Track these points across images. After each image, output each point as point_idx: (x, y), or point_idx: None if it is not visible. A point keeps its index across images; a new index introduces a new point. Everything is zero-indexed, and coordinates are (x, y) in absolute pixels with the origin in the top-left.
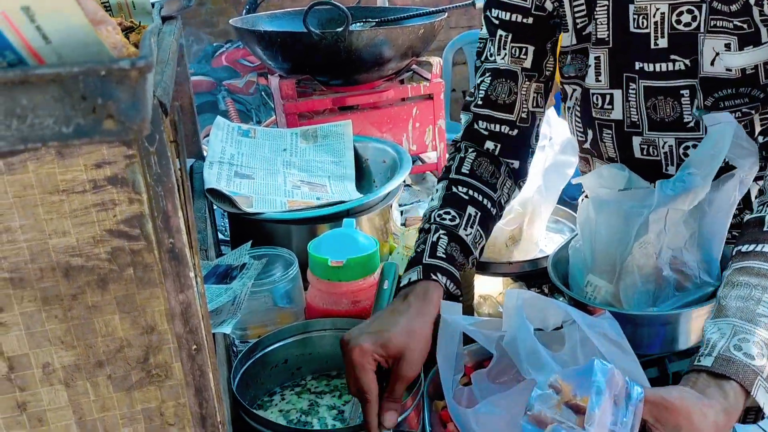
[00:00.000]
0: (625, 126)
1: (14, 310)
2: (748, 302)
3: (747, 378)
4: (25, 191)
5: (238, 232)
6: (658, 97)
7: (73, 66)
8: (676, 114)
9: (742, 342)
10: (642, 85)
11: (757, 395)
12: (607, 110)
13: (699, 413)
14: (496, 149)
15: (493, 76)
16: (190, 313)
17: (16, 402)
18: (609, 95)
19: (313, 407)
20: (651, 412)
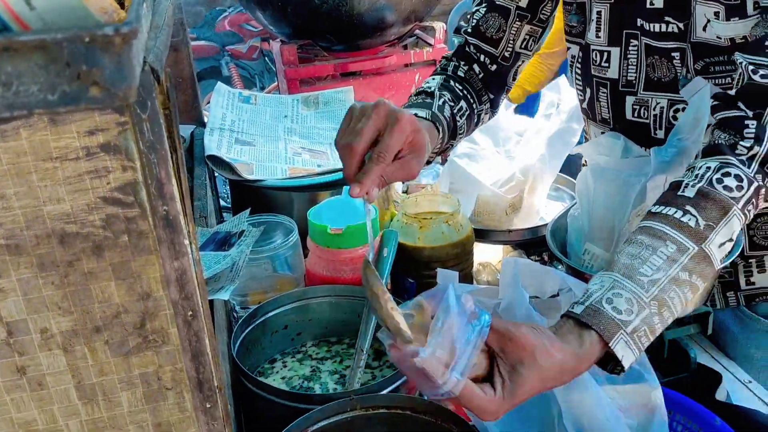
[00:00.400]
0: (620, 85)
1: (11, 276)
2: (635, 260)
3: (608, 330)
4: (18, 158)
5: (239, 199)
6: (655, 56)
7: (57, 32)
8: (672, 75)
9: (615, 296)
10: (644, 42)
11: (616, 347)
12: (604, 68)
13: (543, 352)
14: (480, 75)
15: (488, 8)
16: (186, 280)
17: (16, 366)
18: (607, 52)
19: (315, 373)
20: (497, 341)
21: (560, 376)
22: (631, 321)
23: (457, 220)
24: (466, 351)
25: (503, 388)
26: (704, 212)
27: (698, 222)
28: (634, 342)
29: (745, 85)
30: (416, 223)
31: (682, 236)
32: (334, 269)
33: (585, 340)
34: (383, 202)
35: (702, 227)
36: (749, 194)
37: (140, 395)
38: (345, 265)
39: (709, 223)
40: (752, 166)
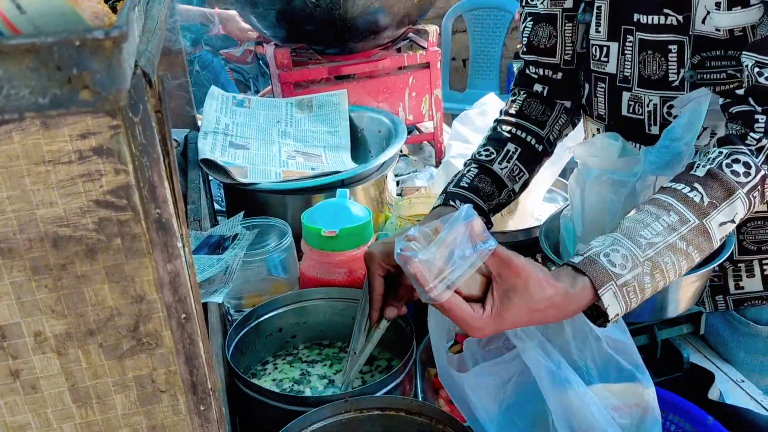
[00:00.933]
0: (617, 80)
1: (4, 279)
2: (638, 224)
3: (599, 278)
4: (11, 162)
5: (233, 203)
6: (648, 51)
7: (47, 36)
8: (662, 72)
9: (612, 251)
10: (638, 37)
11: (604, 296)
12: (603, 63)
13: (536, 283)
14: (545, 91)
15: (534, 20)
16: (179, 283)
17: (10, 370)
18: (606, 47)
19: (305, 376)
20: (496, 265)
21: (547, 310)
22: (622, 275)
23: None
24: (460, 265)
25: (492, 309)
26: (710, 191)
27: (703, 198)
28: (622, 295)
29: (753, 86)
30: (410, 225)
31: (685, 209)
32: (329, 272)
33: (577, 283)
34: (377, 204)
35: (706, 204)
36: (755, 181)
37: (134, 398)
38: (339, 268)
39: (713, 201)
40: (760, 157)
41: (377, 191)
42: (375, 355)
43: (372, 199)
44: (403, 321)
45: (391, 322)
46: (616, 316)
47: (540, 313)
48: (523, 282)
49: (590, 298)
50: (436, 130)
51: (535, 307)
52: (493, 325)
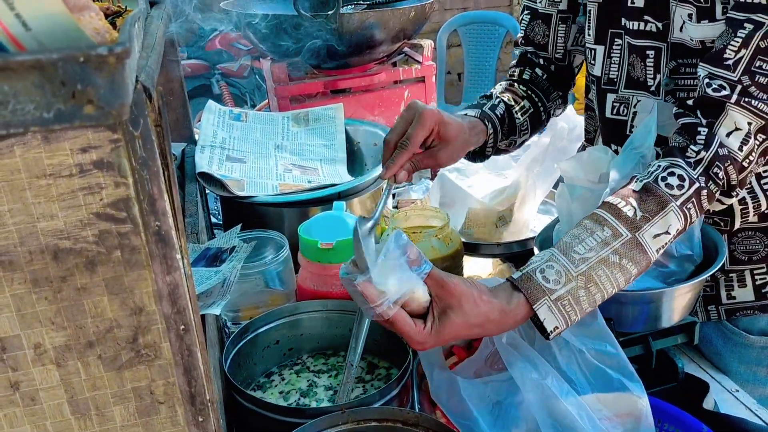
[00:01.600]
0: (602, 82)
1: (5, 292)
2: (574, 240)
3: (534, 294)
4: (12, 175)
5: (230, 216)
6: (633, 54)
7: (52, 52)
8: (643, 75)
9: (547, 267)
10: (626, 41)
11: (539, 310)
12: (591, 65)
13: (471, 301)
14: (544, 76)
15: (531, 16)
16: (178, 295)
17: (9, 382)
18: (593, 50)
19: (312, 388)
20: (432, 286)
21: (485, 324)
22: (556, 290)
23: (446, 233)
24: (400, 286)
25: (431, 325)
26: (643, 204)
27: (636, 213)
28: (557, 309)
29: (701, 96)
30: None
31: (618, 223)
32: (325, 284)
33: (513, 300)
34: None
35: (638, 218)
36: (689, 193)
37: (133, 409)
38: (336, 280)
39: (645, 215)
40: (697, 169)
41: (373, 204)
42: (375, 363)
43: (368, 211)
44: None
45: (388, 332)
46: (555, 329)
47: (479, 328)
48: (457, 300)
49: (526, 313)
50: None
51: (472, 323)
52: (433, 339)
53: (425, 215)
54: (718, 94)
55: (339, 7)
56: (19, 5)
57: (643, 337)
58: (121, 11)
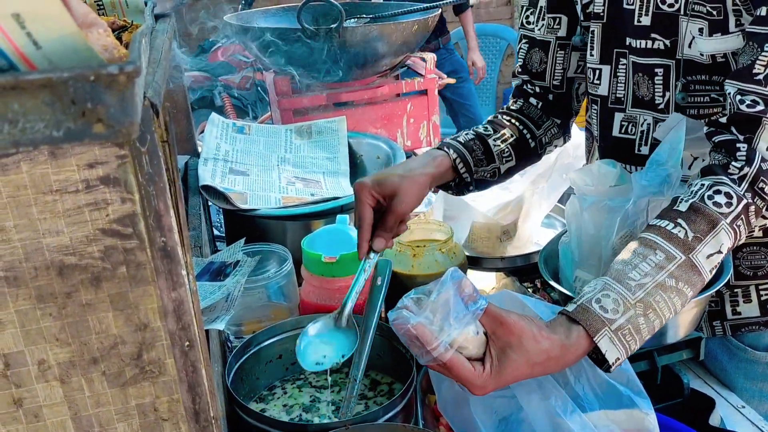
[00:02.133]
0: (609, 102)
1: (9, 308)
2: (626, 266)
3: (593, 326)
4: (18, 191)
5: (233, 229)
6: (639, 74)
7: (62, 71)
8: (650, 94)
9: (603, 297)
10: (631, 60)
11: (600, 342)
12: (595, 85)
13: (530, 337)
14: (539, 105)
15: (529, 44)
16: (183, 310)
17: (12, 398)
18: (598, 70)
19: (315, 403)
20: (489, 323)
21: (547, 362)
22: (615, 319)
23: (450, 247)
24: (456, 326)
25: (491, 367)
26: (693, 225)
27: (687, 234)
28: (618, 339)
29: (735, 113)
30: (410, 251)
31: (671, 246)
32: (329, 298)
33: (572, 333)
34: None
35: (690, 238)
36: (738, 210)
37: (136, 426)
38: (339, 294)
39: (697, 235)
40: (742, 185)
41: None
42: (378, 380)
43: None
44: (403, 347)
45: (391, 347)
46: (617, 360)
47: (540, 366)
48: (517, 338)
49: (587, 346)
50: None
51: (533, 361)
52: (493, 382)
53: (429, 229)
54: (752, 109)
55: (342, 21)
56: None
57: (649, 353)
58: (127, 26)
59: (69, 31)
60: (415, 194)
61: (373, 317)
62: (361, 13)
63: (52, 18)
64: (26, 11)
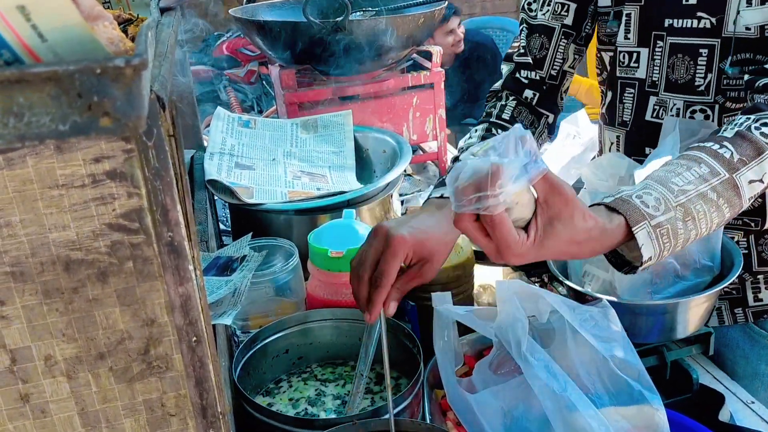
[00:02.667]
0: (646, 85)
1: (16, 303)
2: (669, 173)
3: (633, 216)
4: (24, 186)
5: (239, 223)
6: (678, 55)
7: (69, 64)
8: (690, 75)
9: (644, 194)
10: (669, 42)
11: (639, 234)
12: (632, 68)
13: (580, 214)
14: (535, 98)
15: (529, 30)
16: (190, 306)
17: (19, 394)
18: (636, 53)
19: (320, 397)
20: (545, 190)
21: (586, 243)
22: (656, 216)
23: (457, 242)
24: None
25: (535, 235)
26: (739, 149)
27: (733, 155)
28: (656, 236)
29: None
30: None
31: (716, 163)
32: (335, 292)
33: (613, 220)
34: None
35: (736, 160)
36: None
37: (143, 422)
38: (346, 289)
39: (742, 158)
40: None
41: (382, 211)
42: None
43: (377, 218)
44: (410, 342)
45: (398, 342)
46: (649, 259)
47: (578, 246)
48: (570, 212)
49: (624, 236)
50: (440, 150)
51: (575, 239)
52: (533, 252)
53: None
54: None
55: (348, 14)
56: (36, 16)
57: (658, 348)
58: (132, 19)
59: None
60: (443, 261)
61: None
62: (367, 6)
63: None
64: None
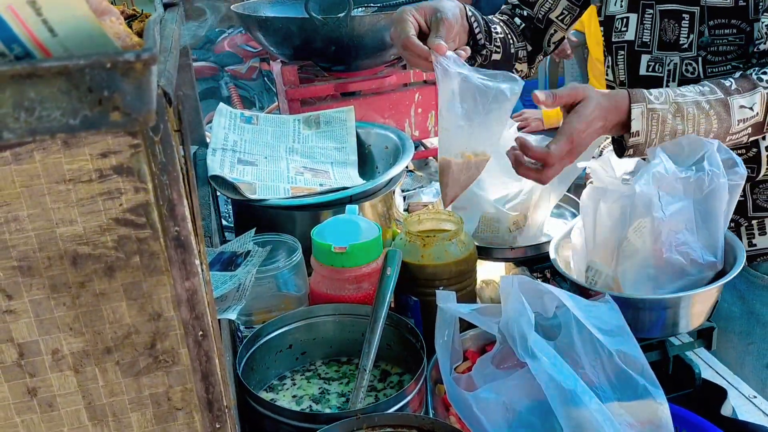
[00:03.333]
0: (636, 45)
1: (23, 297)
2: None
3: (636, 97)
4: (32, 181)
5: (241, 219)
6: (666, 19)
7: (79, 59)
8: (675, 36)
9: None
10: (658, 9)
11: (635, 110)
12: (622, 32)
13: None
14: (521, 26)
15: None
16: (196, 300)
17: (27, 388)
18: (626, 18)
19: (324, 395)
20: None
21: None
22: (654, 103)
23: (460, 237)
24: None
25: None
26: (738, 82)
27: (732, 85)
28: (647, 117)
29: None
30: (419, 241)
31: (716, 87)
32: (339, 288)
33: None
34: (385, 220)
35: (732, 89)
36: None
37: (150, 416)
38: (349, 284)
39: (738, 88)
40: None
41: (385, 207)
42: (388, 370)
43: (379, 214)
44: (413, 337)
45: (402, 337)
46: (636, 133)
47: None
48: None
49: (626, 108)
50: None
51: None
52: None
53: (438, 218)
54: None
55: (350, 10)
56: (46, 11)
57: (660, 343)
58: (136, 14)
59: (85, 17)
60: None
61: (383, 307)
62: (369, 2)
63: (68, 4)
64: None
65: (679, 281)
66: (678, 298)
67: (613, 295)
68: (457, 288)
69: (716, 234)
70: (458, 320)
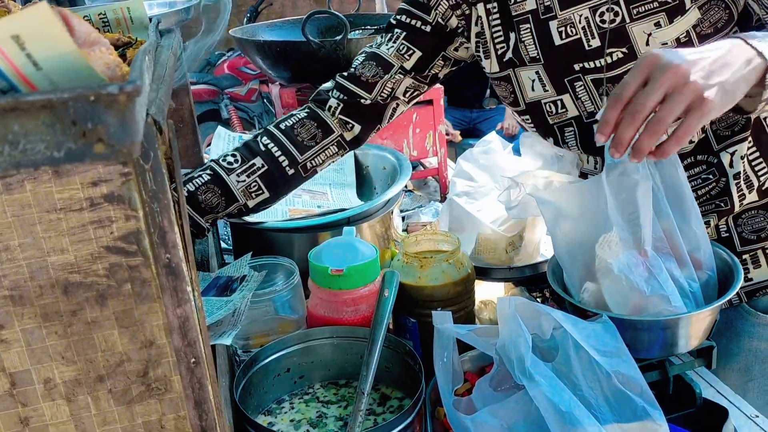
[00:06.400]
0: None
1: (15, 327)
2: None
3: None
4: (23, 210)
5: (240, 241)
6: (606, 84)
7: (63, 92)
8: None
9: None
10: (589, 78)
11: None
12: (561, 113)
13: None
14: (338, 108)
15: (367, 57)
16: (188, 327)
17: (19, 417)
18: (558, 101)
19: (322, 419)
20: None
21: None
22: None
23: (457, 258)
24: None
25: None
26: None
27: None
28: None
29: None
30: (417, 262)
31: None
32: (336, 310)
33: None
34: (383, 241)
35: None
36: None
37: None
38: (347, 306)
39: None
40: None
41: (383, 228)
42: (388, 395)
43: (378, 235)
44: (411, 359)
45: (400, 360)
46: None
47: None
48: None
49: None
50: (440, 166)
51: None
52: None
53: (436, 239)
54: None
55: (347, 33)
56: (30, 45)
57: (660, 363)
58: (131, 42)
59: (69, 51)
60: None
61: (381, 329)
62: (366, 24)
63: (52, 39)
64: (26, 32)
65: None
66: (677, 318)
67: (611, 315)
68: (456, 309)
69: (689, 221)
70: (456, 341)
